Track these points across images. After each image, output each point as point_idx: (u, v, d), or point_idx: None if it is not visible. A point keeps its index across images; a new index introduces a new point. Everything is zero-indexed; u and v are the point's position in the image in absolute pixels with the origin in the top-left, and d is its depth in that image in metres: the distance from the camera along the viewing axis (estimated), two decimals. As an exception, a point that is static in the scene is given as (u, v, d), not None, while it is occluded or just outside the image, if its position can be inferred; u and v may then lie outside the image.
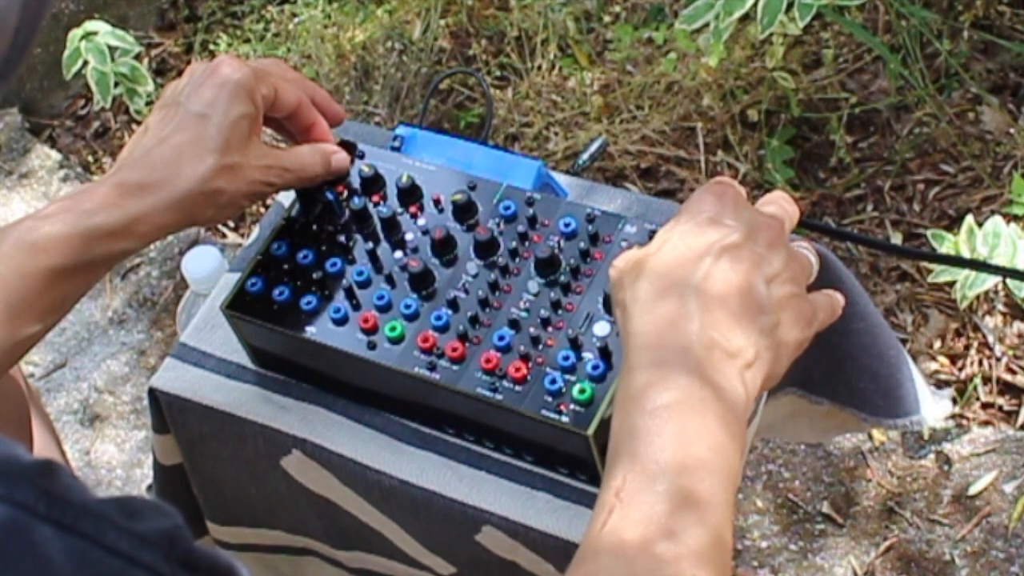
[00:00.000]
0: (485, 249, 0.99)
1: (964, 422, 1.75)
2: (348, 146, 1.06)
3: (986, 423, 1.75)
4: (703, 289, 0.78)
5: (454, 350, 0.95)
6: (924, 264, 1.85)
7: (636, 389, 0.76)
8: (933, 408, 1.20)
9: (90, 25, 2.04)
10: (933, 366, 1.80)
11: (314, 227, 1.03)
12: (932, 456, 1.72)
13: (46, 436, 1.19)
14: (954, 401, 1.76)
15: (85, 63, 2.01)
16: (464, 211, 1.01)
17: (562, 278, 0.97)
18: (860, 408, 1.17)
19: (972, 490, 1.68)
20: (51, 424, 1.24)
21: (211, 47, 2.27)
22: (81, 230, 0.92)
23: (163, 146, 0.96)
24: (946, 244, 1.63)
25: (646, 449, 0.74)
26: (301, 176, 1.02)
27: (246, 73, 0.98)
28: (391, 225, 1.02)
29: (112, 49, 2.02)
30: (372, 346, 0.98)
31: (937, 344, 1.81)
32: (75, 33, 2.02)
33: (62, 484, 0.57)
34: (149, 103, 2.16)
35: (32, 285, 0.92)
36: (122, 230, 0.93)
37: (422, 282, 0.99)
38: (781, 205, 0.87)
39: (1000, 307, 1.82)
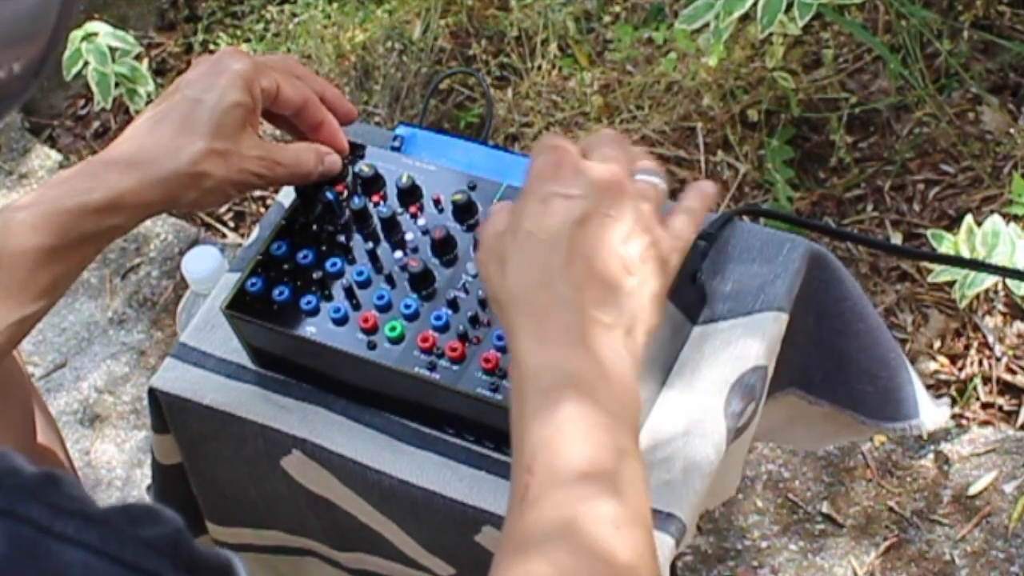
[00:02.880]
0: (485, 249, 0.99)
1: (964, 422, 1.75)
2: (357, 147, 1.06)
3: (986, 423, 1.75)
4: (568, 270, 0.80)
5: (454, 350, 0.95)
6: (924, 264, 1.85)
7: (527, 372, 0.78)
8: (933, 412, 1.19)
9: (90, 26, 2.04)
10: (933, 366, 1.80)
11: (314, 227, 1.03)
12: (932, 456, 1.72)
13: (50, 435, 1.19)
14: (954, 401, 1.76)
15: (86, 64, 2.01)
16: (464, 211, 1.01)
17: (562, 278, 0.97)
18: (859, 410, 1.16)
19: (972, 490, 1.68)
20: (55, 423, 1.24)
21: (211, 47, 2.27)
22: (69, 206, 0.93)
23: (154, 126, 0.97)
24: (946, 244, 1.63)
25: (547, 427, 0.76)
26: (294, 172, 1.02)
27: (246, 64, 0.99)
28: (391, 225, 1.02)
29: (112, 50, 2.03)
30: (372, 346, 0.98)
31: (937, 344, 1.81)
32: (76, 34, 2.03)
33: (64, 495, 0.57)
34: (149, 103, 2.16)
35: (23, 264, 0.92)
36: (108, 206, 0.94)
37: (422, 282, 0.99)
38: (618, 144, 0.86)
39: (1000, 307, 1.82)
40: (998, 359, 1.78)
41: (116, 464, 1.91)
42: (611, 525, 0.72)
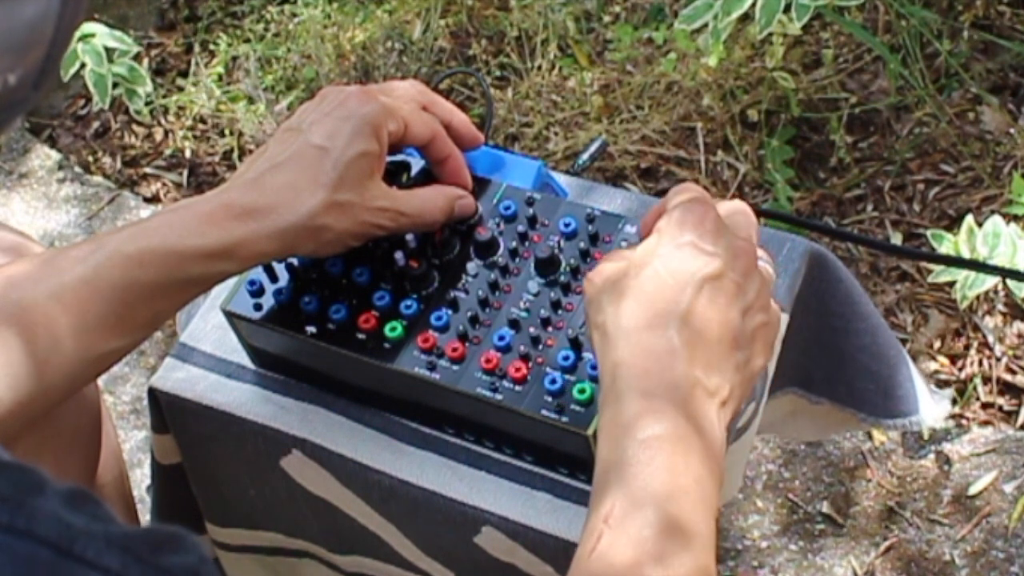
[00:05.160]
0: (485, 249, 0.99)
1: (964, 422, 1.75)
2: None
3: (986, 423, 1.75)
4: (686, 323, 0.79)
5: (454, 350, 0.95)
6: (924, 264, 1.85)
7: (626, 417, 0.78)
8: (932, 409, 1.20)
9: (87, 27, 2.04)
10: (933, 366, 1.80)
11: (314, 227, 1.03)
12: (932, 456, 1.72)
13: (109, 450, 1.18)
14: (954, 401, 1.76)
15: (83, 65, 2.01)
16: (464, 211, 1.01)
17: (562, 278, 0.97)
18: (859, 408, 1.17)
19: (972, 490, 1.68)
20: (117, 441, 1.23)
21: (211, 47, 2.27)
22: (180, 248, 0.90)
23: (276, 172, 0.93)
24: (946, 244, 1.63)
25: (635, 478, 0.76)
26: (417, 222, 0.98)
27: (374, 108, 0.95)
28: (391, 225, 1.02)
29: (110, 50, 2.03)
30: (372, 346, 0.97)
31: (937, 344, 1.81)
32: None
33: (87, 515, 0.56)
34: (148, 103, 2.16)
35: (126, 299, 0.90)
36: (221, 253, 0.91)
37: (422, 282, 0.99)
38: (748, 219, 0.87)
39: (1000, 307, 1.82)
40: (998, 359, 1.78)
41: (116, 464, 1.91)
42: None
